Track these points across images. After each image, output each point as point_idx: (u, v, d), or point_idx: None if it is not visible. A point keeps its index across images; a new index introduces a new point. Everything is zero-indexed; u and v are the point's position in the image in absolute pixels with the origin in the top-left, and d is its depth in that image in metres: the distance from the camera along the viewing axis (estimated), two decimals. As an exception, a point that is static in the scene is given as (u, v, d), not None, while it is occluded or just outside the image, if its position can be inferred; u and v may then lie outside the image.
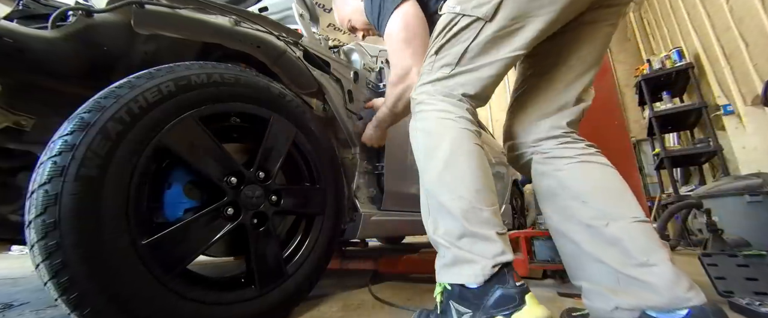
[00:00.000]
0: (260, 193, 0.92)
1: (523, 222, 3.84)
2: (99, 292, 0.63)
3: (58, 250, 0.60)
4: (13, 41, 0.75)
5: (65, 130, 0.66)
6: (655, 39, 5.59)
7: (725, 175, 3.33)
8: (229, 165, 0.87)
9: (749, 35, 3.14)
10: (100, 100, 0.70)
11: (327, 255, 1.11)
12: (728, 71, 3.53)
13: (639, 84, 4.43)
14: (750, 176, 2.56)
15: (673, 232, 3.56)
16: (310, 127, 1.11)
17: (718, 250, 1.63)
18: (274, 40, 1.07)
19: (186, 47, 1.01)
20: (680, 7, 4.27)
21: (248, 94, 0.94)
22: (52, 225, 0.60)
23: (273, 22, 1.12)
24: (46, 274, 0.60)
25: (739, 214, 2.44)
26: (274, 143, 0.98)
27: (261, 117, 0.97)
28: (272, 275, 0.93)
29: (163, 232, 0.73)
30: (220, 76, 0.88)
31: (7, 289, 1.75)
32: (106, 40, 0.88)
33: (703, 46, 3.94)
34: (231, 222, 0.85)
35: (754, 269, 1.14)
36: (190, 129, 0.80)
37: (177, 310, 0.72)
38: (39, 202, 0.61)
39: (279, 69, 1.15)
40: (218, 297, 0.81)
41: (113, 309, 0.64)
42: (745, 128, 3.46)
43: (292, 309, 1.00)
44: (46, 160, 0.63)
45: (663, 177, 4.57)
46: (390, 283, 1.54)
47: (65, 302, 0.61)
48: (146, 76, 0.76)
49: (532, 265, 1.45)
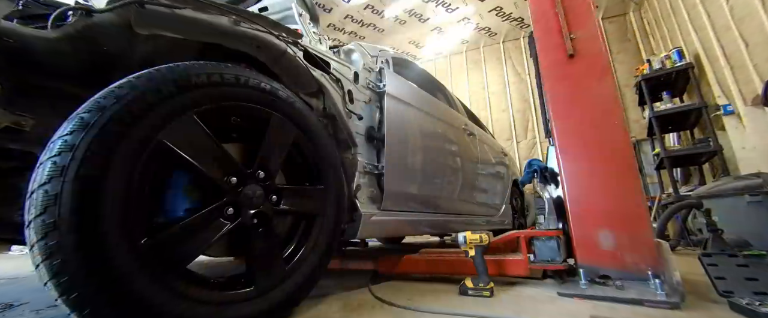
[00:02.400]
0: (260, 193, 0.92)
1: (523, 222, 3.84)
2: (99, 292, 0.63)
3: (58, 250, 0.60)
4: (14, 41, 0.75)
5: (65, 130, 0.66)
6: (655, 39, 5.59)
7: (725, 175, 3.33)
8: (229, 165, 0.87)
9: (749, 35, 3.14)
10: (100, 100, 0.70)
11: (327, 255, 1.10)
12: (728, 71, 3.53)
13: (639, 84, 4.42)
14: (750, 176, 2.56)
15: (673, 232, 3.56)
16: (310, 127, 1.10)
17: (718, 250, 1.63)
18: (274, 40, 1.07)
19: (186, 47, 1.01)
20: (680, 7, 4.26)
21: (248, 94, 0.94)
22: (52, 225, 0.60)
23: (273, 22, 1.12)
24: (46, 274, 0.60)
25: (739, 214, 2.44)
26: (274, 143, 0.98)
27: (261, 117, 0.97)
28: (272, 275, 0.93)
29: (164, 232, 0.73)
30: (220, 76, 0.88)
31: (7, 289, 1.75)
32: (106, 40, 0.88)
33: (703, 46, 3.94)
34: (231, 222, 0.84)
35: (754, 269, 1.14)
36: (190, 129, 0.80)
37: (177, 309, 0.72)
38: (39, 202, 0.61)
39: (279, 69, 1.15)
40: (218, 297, 0.81)
41: (113, 309, 0.64)
42: (745, 128, 3.46)
43: (292, 309, 1.00)
44: (46, 160, 0.63)
45: (663, 177, 4.57)
46: (390, 283, 1.54)
47: (65, 302, 0.61)
48: (146, 76, 0.76)
49: (532, 265, 1.45)
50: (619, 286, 1.22)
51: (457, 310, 1.07)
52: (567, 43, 1.57)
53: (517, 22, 6.65)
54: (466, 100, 6.99)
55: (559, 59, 1.60)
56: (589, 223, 1.40)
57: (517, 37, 7.06)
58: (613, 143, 1.43)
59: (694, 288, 1.33)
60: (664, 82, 4.30)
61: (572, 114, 1.54)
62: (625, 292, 1.17)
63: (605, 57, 1.52)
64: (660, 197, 4.29)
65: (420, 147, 1.75)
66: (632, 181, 1.36)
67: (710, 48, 3.76)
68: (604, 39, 5.22)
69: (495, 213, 2.91)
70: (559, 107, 1.58)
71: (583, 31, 1.57)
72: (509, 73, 7.02)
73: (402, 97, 1.69)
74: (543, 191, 1.69)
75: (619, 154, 1.41)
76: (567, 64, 1.58)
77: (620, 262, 1.31)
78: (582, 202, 1.45)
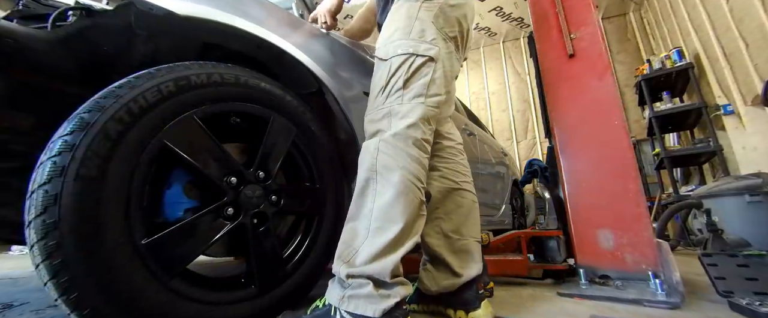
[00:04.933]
0: (260, 193, 0.92)
1: (523, 222, 3.83)
2: (99, 293, 0.63)
3: (58, 250, 0.60)
4: (14, 41, 0.75)
5: (65, 130, 0.66)
6: (655, 39, 5.59)
7: (725, 175, 3.33)
8: (229, 165, 0.87)
9: (749, 35, 3.14)
10: (100, 100, 0.70)
11: (327, 255, 1.11)
12: (728, 71, 3.53)
13: (639, 84, 4.42)
14: (750, 176, 2.56)
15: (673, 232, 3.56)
16: (310, 127, 1.11)
17: (718, 250, 1.63)
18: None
19: (186, 47, 1.01)
20: (680, 7, 4.26)
21: (248, 94, 0.94)
22: (52, 225, 0.60)
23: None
24: (46, 274, 0.60)
25: (739, 214, 2.45)
26: (274, 143, 0.98)
27: (261, 117, 0.97)
28: (272, 275, 0.93)
29: (163, 232, 0.73)
30: (220, 76, 0.88)
31: (7, 289, 1.75)
32: (106, 40, 0.88)
33: (703, 46, 3.94)
34: (231, 222, 0.84)
35: (754, 269, 1.14)
36: (190, 129, 0.80)
37: (177, 310, 0.72)
38: (39, 202, 0.61)
39: (279, 69, 1.15)
40: (218, 297, 0.81)
41: (113, 309, 0.64)
42: (745, 128, 3.46)
43: (292, 309, 1.00)
44: (46, 160, 0.63)
45: (663, 177, 4.57)
46: (390, 283, 1.54)
47: (65, 302, 0.61)
48: (146, 76, 0.76)
49: (532, 265, 1.45)
50: (619, 286, 1.23)
51: (457, 310, 1.07)
52: (567, 43, 1.58)
53: (517, 22, 6.65)
54: (466, 100, 7.00)
55: (559, 59, 1.60)
56: (589, 223, 1.40)
57: (517, 37, 7.06)
58: (613, 143, 1.43)
59: (694, 288, 1.33)
60: (664, 82, 4.30)
61: (572, 114, 1.54)
62: (625, 292, 1.17)
63: (605, 57, 1.52)
64: (660, 197, 4.29)
65: (420, 147, 1.75)
66: (632, 181, 1.37)
67: (710, 48, 3.76)
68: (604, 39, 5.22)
69: (495, 213, 2.91)
70: (559, 107, 1.58)
71: (583, 31, 1.57)
72: (509, 73, 7.02)
73: (402, 97, 1.69)
74: (543, 191, 1.69)
75: (619, 154, 1.41)
76: (567, 64, 1.58)
77: (620, 262, 1.31)
78: (582, 202, 1.45)
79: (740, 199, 2.46)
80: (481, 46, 7.35)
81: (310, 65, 1.12)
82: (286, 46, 1.06)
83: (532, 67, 3.07)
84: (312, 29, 1.28)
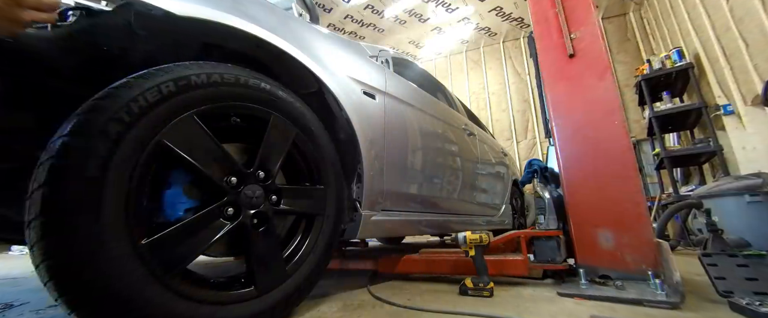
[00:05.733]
0: (260, 193, 0.92)
1: (523, 222, 3.83)
2: (99, 293, 0.63)
3: (58, 250, 0.60)
4: (14, 41, 0.75)
5: (65, 130, 0.66)
6: (655, 39, 5.59)
7: (725, 175, 3.33)
8: (229, 165, 0.87)
9: (749, 35, 3.14)
10: (100, 100, 0.70)
11: (327, 255, 1.10)
12: (728, 71, 3.53)
13: (639, 84, 4.43)
14: (750, 176, 2.56)
15: (673, 232, 3.56)
16: (310, 127, 1.10)
17: (718, 250, 1.63)
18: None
19: (186, 47, 1.01)
20: (680, 7, 4.27)
21: (248, 94, 0.94)
22: (52, 225, 0.60)
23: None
24: (46, 274, 0.60)
25: (739, 214, 2.45)
26: (274, 143, 0.98)
27: (261, 117, 0.97)
28: (272, 275, 0.93)
29: (163, 232, 0.73)
30: (220, 77, 0.88)
31: (7, 289, 1.75)
32: (106, 40, 0.88)
33: (703, 46, 3.94)
34: (231, 222, 0.84)
35: (754, 269, 1.14)
36: (190, 129, 0.80)
37: (177, 310, 0.72)
38: (39, 202, 0.61)
39: (279, 69, 1.15)
40: (218, 297, 0.81)
41: (113, 309, 0.64)
42: (745, 128, 3.46)
43: (292, 309, 1.00)
44: (46, 160, 0.63)
45: (663, 177, 4.57)
46: (390, 283, 1.54)
47: (65, 302, 0.61)
48: (146, 76, 0.76)
49: (532, 265, 1.45)
50: (619, 286, 1.22)
51: (457, 309, 1.07)
52: (567, 43, 1.58)
53: (517, 22, 6.65)
54: (466, 100, 7.00)
55: (559, 59, 1.60)
56: (589, 223, 1.40)
57: (517, 37, 7.06)
58: (613, 143, 1.43)
59: (694, 288, 1.33)
60: (664, 82, 4.30)
61: (572, 114, 1.54)
62: (625, 292, 1.17)
63: (605, 57, 1.52)
64: (660, 197, 4.29)
65: (420, 147, 1.75)
66: (632, 181, 1.37)
67: (710, 48, 3.77)
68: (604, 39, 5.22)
69: (495, 213, 2.91)
70: (559, 107, 1.58)
71: (583, 31, 1.57)
72: (509, 73, 7.02)
73: (402, 97, 1.69)
74: (543, 191, 1.69)
75: (619, 154, 1.41)
76: (567, 64, 1.58)
77: (620, 262, 1.31)
78: (582, 202, 1.45)
79: (740, 199, 2.47)
80: (481, 46, 7.35)
81: (310, 65, 1.13)
82: (285, 46, 1.06)
83: (532, 67, 3.05)
84: (312, 29, 1.29)
